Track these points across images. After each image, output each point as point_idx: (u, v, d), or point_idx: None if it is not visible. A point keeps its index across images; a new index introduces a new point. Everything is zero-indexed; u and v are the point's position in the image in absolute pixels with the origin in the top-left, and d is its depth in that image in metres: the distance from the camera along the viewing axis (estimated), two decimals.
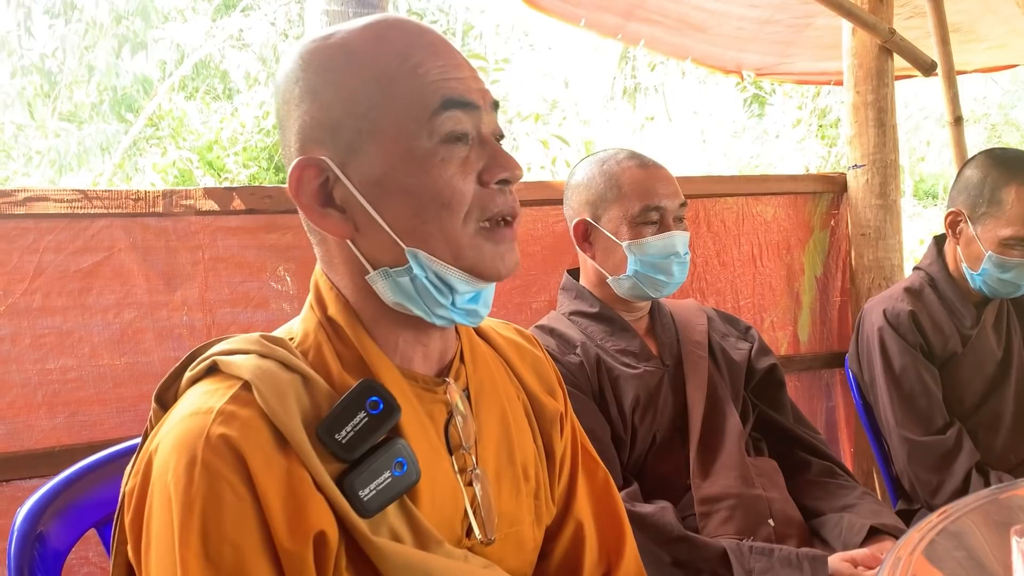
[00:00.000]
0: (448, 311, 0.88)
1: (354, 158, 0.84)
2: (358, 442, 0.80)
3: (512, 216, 0.88)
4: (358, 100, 0.84)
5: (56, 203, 1.67)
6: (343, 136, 0.84)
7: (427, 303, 0.86)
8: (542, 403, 1.04)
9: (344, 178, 0.84)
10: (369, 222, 0.85)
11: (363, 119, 0.83)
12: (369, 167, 0.84)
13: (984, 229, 1.87)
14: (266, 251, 1.86)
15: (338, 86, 0.84)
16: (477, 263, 0.86)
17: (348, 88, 0.84)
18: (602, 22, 3.62)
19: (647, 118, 11.56)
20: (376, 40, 0.85)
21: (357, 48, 0.85)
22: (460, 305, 0.88)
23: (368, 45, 0.85)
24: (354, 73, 0.84)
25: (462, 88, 0.85)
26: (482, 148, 0.86)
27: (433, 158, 0.83)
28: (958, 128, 2.82)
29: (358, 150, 0.84)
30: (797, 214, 2.58)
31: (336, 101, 0.84)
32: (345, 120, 0.84)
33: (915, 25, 3.17)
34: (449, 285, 0.86)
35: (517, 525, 0.96)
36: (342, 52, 0.85)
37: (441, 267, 0.85)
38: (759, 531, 1.48)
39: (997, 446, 1.92)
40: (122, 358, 1.74)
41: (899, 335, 1.92)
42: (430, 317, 0.88)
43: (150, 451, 0.80)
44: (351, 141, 0.84)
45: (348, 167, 0.84)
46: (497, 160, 0.86)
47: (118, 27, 10.04)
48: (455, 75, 0.85)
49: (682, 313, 1.74)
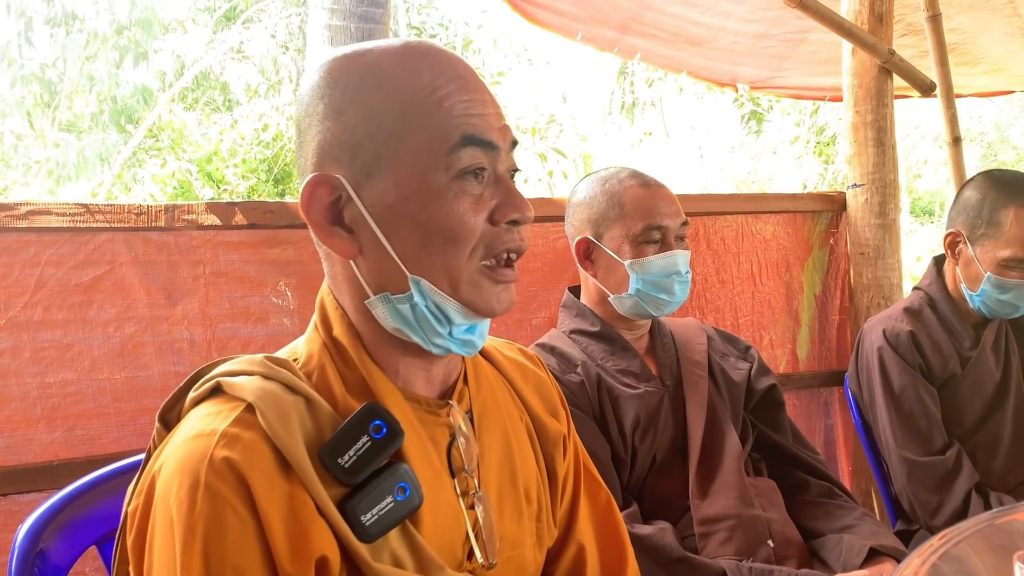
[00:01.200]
0: (445, 340, 0.88)
1: (369, 181, 0.84)
2: (361, 466, 0.80)
3: (518, 253, 0.89)
4: (381, 125, 0.84)
5: (58, 217, 1.67)
6: (361, 158, 0.84)
7: (425, 331, 0.87)
8: (545, 425, 1.04)
9: (357, 199, 0.84)
10: (375, 246, 0.85)
11: (384, 144, 0.84)
12: (383, 192, 0.84)
13: (983, 250, 1.87)
14: (267, 266, 1.86)
15: (363, 108, 0.84)
16: (474, 298, 0.87)
17: (373, 112, 0.84)
18: (599, 36, 3.65)
19: (645, 133, 11.61)
20: (407, 66, 0.86)
21: (387, 72, 0.85)
22: (456, 335, 0.88)
23: (399, 71, 0.85)
24: (381, 98, 0.84)
25: (483, 126, 0.86)
26: (496, 186, 0.87)
27: (447, 192, 0.84)
28: (956, 148, 2.83)
29: (374, 174, 0.84)
30: (796, 232, 2.58)
31: (360, 123, 0.84)
32: (366, 143, 0.84)
33: (909, 44, 3.19)
34: (447, 315, 0.86)
35: (519, 548, 0.96)
36: (373, 74, 0.85)
37: (440, 297, 0.85)
38: (758, 552, 1.48)
39: (996, 467, 1.92)
40: (122, 372, 1.73)
41: (899, 355, 1.93)
42: (427, 345, 0.88)
43: (153, 472, 0.79)
44: (368, 164, 0.84)
45: (362, 189, 0.85)
46: (510, 200, 0.87)
47: (120, 38, 10.06)
48: (479, 111, 0.86)
49: (682, 332, 1.74)
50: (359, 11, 4.57)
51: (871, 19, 2.50)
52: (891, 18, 2.54)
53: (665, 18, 3.45)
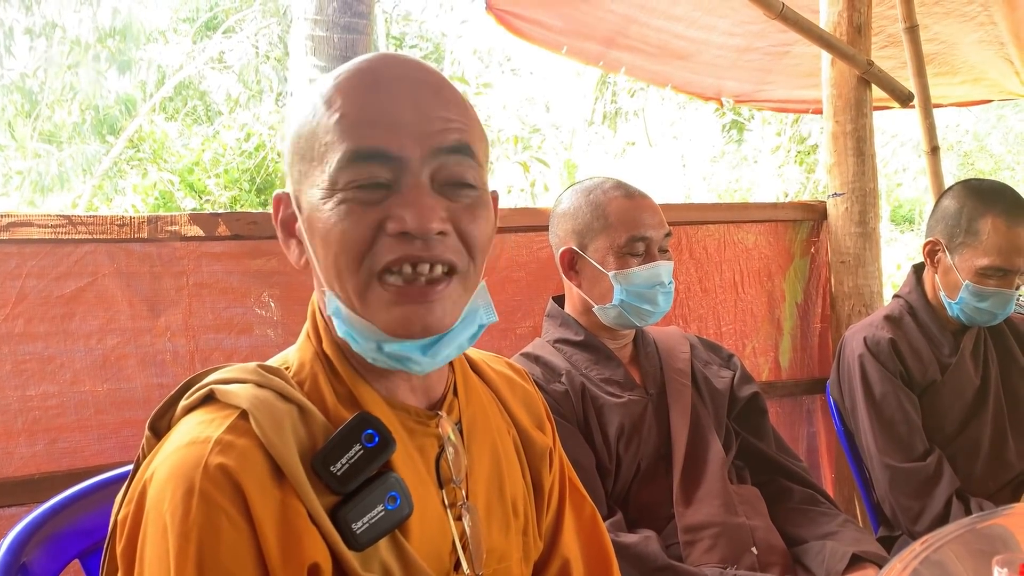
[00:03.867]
0: (381, 356, 0.84)
1: (299, 194, 0.87)
2: (353, 475, 0.80)
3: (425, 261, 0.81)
4: (304, 138, 0.85)
5: (40, 228, 1.66)
6: (294, 171, 0.87)
7: (361, 345, 0.85)
8: (531, 438, 1.04)
9: (296, 211, 0.87)
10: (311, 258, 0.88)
11: (303, 159, 0.85)
12: (305, 205, 0.85)
13: (961, 259, 1.89)
14: (250, 277, 1.85)
15: (296, 122, 0.87)
16: (372, 316, 0.83)
17: (302, 126, 0.86)
18: (584, 50, 3.68)
19: (627, 143, 11.65)
20: (344, 78, 0.85)
21: (327, 85, 0.86)
22: (390, 351, 0.83)
23: (332, 82, 0.86)
24: (309, 111, 0.86)
25: (374, 137, 0.81)
26: (400, 195, 0.81)
27: (335, 203, 0.81)
28: (934, 157, 2.87)
29: (300, 186, 0.86)
30: (778, 241, 2.61)
31: (293, 138, 0.87)
32: (293, 157, 0.87)
33: (889, 55, 3.23)
34: (361, 333, 0.84)
35: (506, 561, 0.96)
36: (317, 88, 0.87)
37: (348, 313, 0.84)
38: (742, 559, 1.49)
39: (976, 473, 1.94)
40: (104, 384, 1.72)
41: (879, 363, 1.94)
42: (369, 357, 0.86)
43: (144, 480, 0.79)
44: (296, 177, 0.87)
45: (299, 201, 0.87)
46: (392, 211, 0.80)
47: (102, 47, 10.01)
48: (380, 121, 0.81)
49: (665, 341, 1.75)
50: (342, 22, 4.57)
51: (850, 30, 2.53)
52: (869, 29, 2.57)
53: (649, 32, 3.48)
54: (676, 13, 3.36)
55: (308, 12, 4.66)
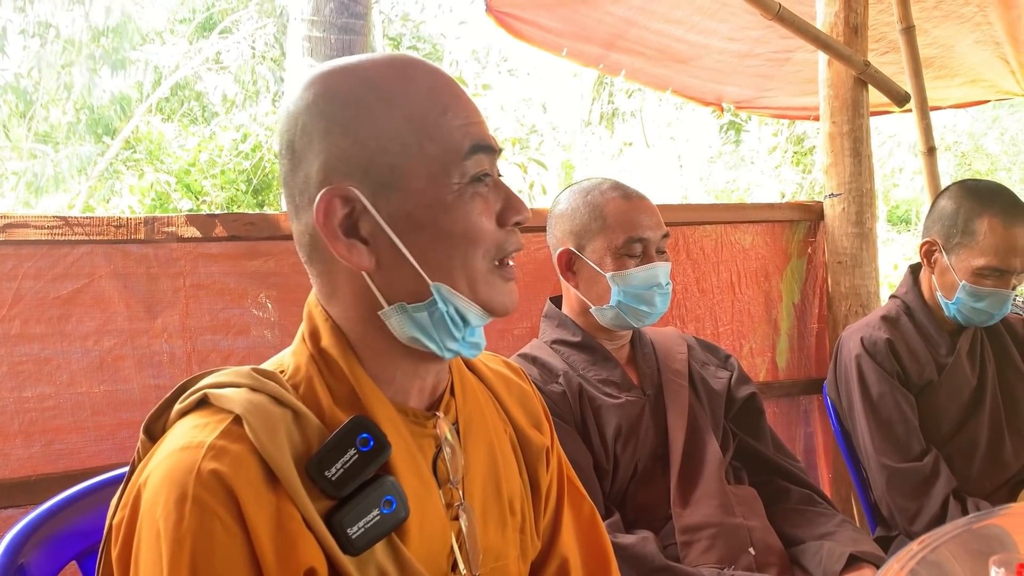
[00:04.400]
0: (457, 344, 0.90)
1: (385, 192, 0.85)
2: (348, 479, 0.80)
3: (518, 251, 0.93)
4: (392, 138, 0.85)
5: (36, 230, 1.66)
6: (375, 171, 0.85)
7: (441, 337, 0.88)
8: (528, 437, 1.04)
9: (374, 211, 0.85)
10: (394, 256, 0.86)
11: (397, 156, 0.85)
12: (400, 203, 0.85)
13: (958, 259, 1.90)
14: (248, 278, 1.85)
15: (370, 122, 0.85)
16: (490, 299, 0.89)
17: (381, 125, 0.85)
18: (584, 52, 3.68)
19: (625, 143, 11.66)
20: (403, 79, 0.87)
21: (385, 85, 0.86)
22: (468, 339, 0.91)
23: (396, 83, 0.86)
24: (387, 111, 0.85)
25: (483, 133, 0.89)
26: (497, 190, 0.91)
27: (463, 197, 0.86)
28: (931, 158, 2.87)
29: (390, 185, 0.85)
30: (775, 242, 2.61)
31: (370, 137, 0.85)
32: (378, 156, 0.84)
33: (890, 60, 3.24)
34: (465, 318, 0.88)
35: (503, 560, 0.96)
36: (371, 88, 0.86)
37: (461, 301, 0.87)
38: (740, 560, 1.49)
39: (973, 473, 1.94)
40: (101, 386, 1.72)
41: (876, 363, 1.95)
42: (441, 351, 0.89)
43: (139, 484, 0.79)
44: (383, 176, 0.85)
45: (378, 200, 0.85)
46: (512, 203, 0.90)
47: (96, 45, 9.99)
48: (476, 119, 0.89)
49: (662, 341, 1.75)
50: (339, 23, 4.56)
51: (846, 31, 2.54)
52: (866, 30, 2.58)
53: (649, 35, 3.48)
54: (676, 16, 3.36)
55: (305, 13, 4.65)
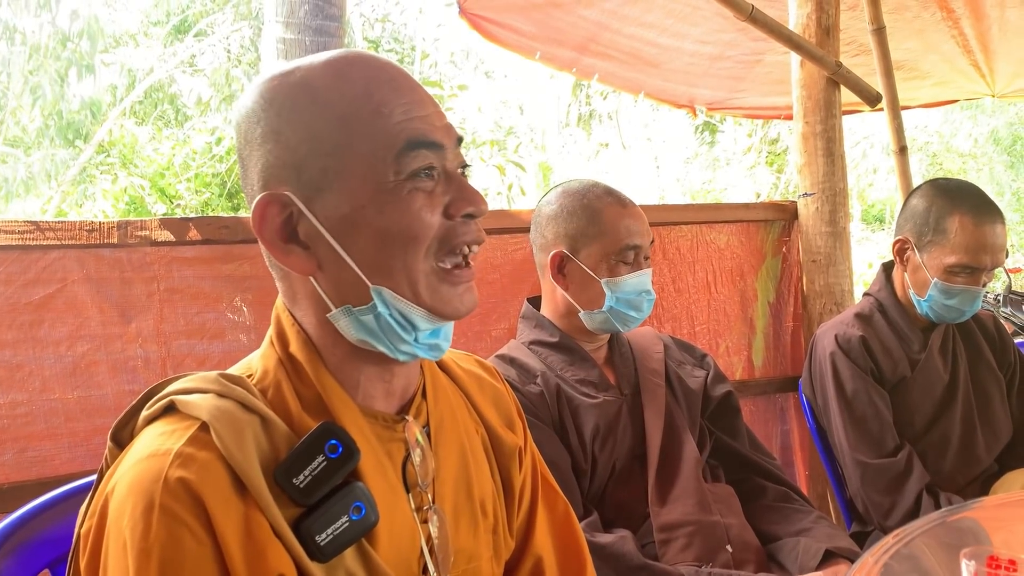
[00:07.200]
0: (411, 346, 0.87)
1: (320, 195, 0.84)
2: (316, 487, 0.79)
3: (478, 245, 0.89)
4: (323, 140, 0.84)
5: (7, 235, 1.64)
6: (308, 174, 0.84)
7: (391, 339, 0.86)
8: (500, 437, 1.03)
9: (309, 214, 0.84)
10: (334, 259, 0.85)
11: (329, 158, 0.83)
12: (336, 204, 0.84)
13: (930, 257, 1.92)
14: (223, 281, 1.84)
15: (302, 126, 0.84)
16: (435, 302, 0.87)
17: (312, 129, 0.84)
18: (557, 56, 3.68)
19: (601, 144, 11.69)
20: (338, 78, 0.85)
21: (320, 87, 0.85)
22: (423, 341, 0.88)
23: (330, 83, 0.85)
24: (317, 113, 0.84)
25: (425, 128, 0.85)
26: (448, 183, 0.87)
27: (400, 192, 0.84)
28: (903, 157, 2.91)
29: (324, 188, 0.84)
30: (750, 241, 2.63)
31: (301, 141, 0.84)
32: (310, 159, 0.84)
33: (861, 62, 3.28)
34: (411, 322, 0.86)
35: (475, 561, 0.95)
36: (305, 91, 0.85)
37: (404, 304, 0.85)
38: (718, 557, 1.50)
39: (945, 468, 1.97)
40: (74, 392, 1.70)
41: (850, 360, 1.96)
42: (394, 353, 0.87)
43: (106, 493, 0.78)
44: (316, 179, 0.84)
45: (314, 204, 0.84)
46: (463, 194, 0.87)
47: (63, 50, 9.87)
48: (418, 113, 0.86)
49: (639, 341, 1.76)
50: (314, 24, 4.53)
51: (818, 32, 2.56)
52: (838, 31, 2.60)
53: (621, 39, 3.49)
54: (648, 20, 3.37)
55: (279, 15, 4.61)
